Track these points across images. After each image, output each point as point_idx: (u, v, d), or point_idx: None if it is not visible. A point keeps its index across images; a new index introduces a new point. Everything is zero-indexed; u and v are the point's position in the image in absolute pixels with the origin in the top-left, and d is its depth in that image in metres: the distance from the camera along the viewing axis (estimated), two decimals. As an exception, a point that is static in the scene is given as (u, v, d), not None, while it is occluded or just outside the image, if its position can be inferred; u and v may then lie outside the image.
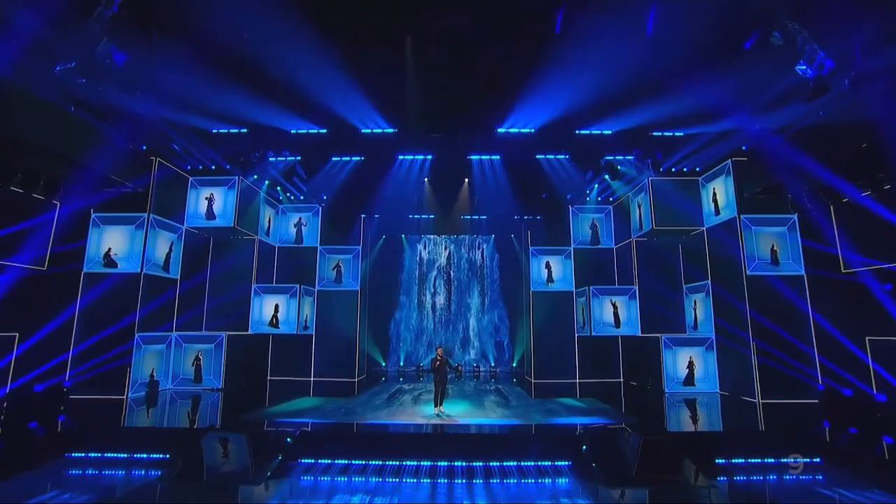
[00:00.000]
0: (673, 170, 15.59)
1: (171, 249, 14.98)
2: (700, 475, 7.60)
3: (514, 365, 21.26)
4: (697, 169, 15.52)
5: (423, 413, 11.52)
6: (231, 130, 14.07)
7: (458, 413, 11.56)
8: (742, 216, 14.00)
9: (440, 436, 9.92)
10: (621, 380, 17.10)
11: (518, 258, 20.85)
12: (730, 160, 14.34)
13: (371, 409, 12.28)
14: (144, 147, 13.87)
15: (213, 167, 15.60)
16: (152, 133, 13.24)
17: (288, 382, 16.72)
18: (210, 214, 15.61)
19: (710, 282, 14.98)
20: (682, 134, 14.12)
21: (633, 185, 16.64)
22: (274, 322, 16.70)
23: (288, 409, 12.18)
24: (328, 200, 18.27)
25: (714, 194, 15.07)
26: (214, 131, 14.04)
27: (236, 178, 15.70)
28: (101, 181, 12.98)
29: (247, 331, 16.10)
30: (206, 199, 15.67)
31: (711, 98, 11.39)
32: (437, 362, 11.44)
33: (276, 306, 16.76)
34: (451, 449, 8.80)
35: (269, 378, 17.34)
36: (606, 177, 16.66)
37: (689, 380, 14.88)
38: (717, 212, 14.94)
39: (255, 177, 16.32)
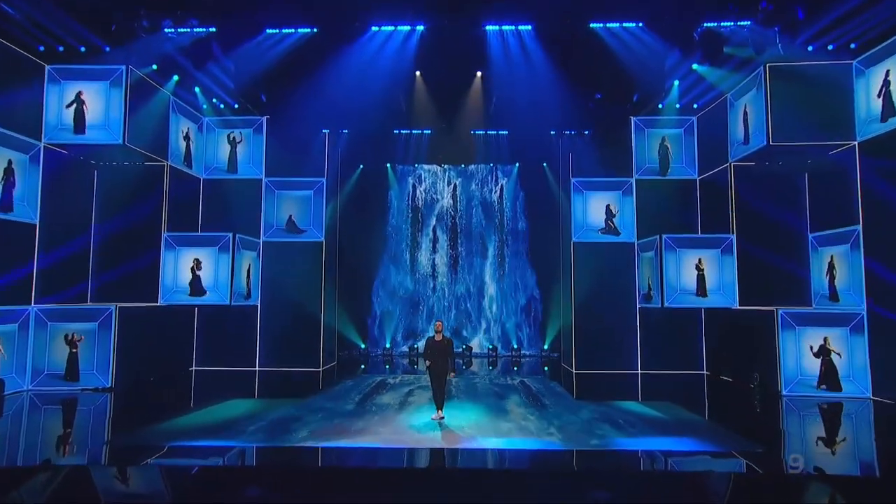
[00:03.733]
0: (809, 48, 11.81)
1: (7, 175, 11.08)
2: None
3: (546, 348, 19.43)
4: (853, 46, 11.53)
5: (411, 426, 9.05)
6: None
7: (467, 425, 9.12)
8: (935, 119, 10.10)
9: (438, 472, 7.53)
10: (704, 372, 14.89)
11: (553, 196, 18.59)
12: (921, 23, 10.18)
13: (335, 416, 9.75)
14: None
15: (84, 49, 11.72)
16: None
17: (221, 375, 14.41)
18: (80, 125, 11.78)
19: (860, 227, 11.80)
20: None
21: (742, 73, 12.82)
22: (197, 288, 13.92)
23: (203, 423, 9.36)
24: (271, 107, 15.18)
25: (883, 85, 11.01)
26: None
27: (122, 67, 11.82)
28: None
29: (155, 301, 13.38)
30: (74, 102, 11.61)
31: None
32: (435, 343, 9.29)
33: (197, 264, 13.84)
34: (457, 493, 6.49)
35: (193, 369, 14.99)
36: (695, 66, 13.17)
37: (829, 379, 11.62)
38: (885, 116, 11.00)
39: (155, 67, 12.60)
